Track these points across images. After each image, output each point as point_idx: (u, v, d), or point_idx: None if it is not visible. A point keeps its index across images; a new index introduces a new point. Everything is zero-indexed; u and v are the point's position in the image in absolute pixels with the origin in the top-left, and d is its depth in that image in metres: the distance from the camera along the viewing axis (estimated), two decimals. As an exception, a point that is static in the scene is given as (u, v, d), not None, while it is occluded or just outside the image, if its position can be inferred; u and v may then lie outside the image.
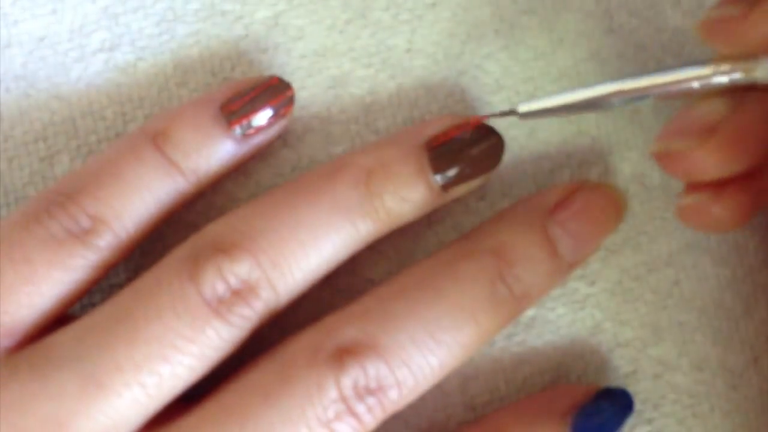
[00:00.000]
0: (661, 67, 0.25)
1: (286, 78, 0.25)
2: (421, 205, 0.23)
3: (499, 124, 0.24)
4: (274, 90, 0.24)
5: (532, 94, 0.25)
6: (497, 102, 0.25)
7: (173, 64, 0.25)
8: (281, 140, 0.25)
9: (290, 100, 0.24)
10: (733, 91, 0.21)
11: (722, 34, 0.21)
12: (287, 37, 0.25)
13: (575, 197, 0.23)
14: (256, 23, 0.25)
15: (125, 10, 0.25)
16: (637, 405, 0.24)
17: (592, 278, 0.25)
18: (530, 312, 0.25)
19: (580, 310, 0.25)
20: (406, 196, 0.23)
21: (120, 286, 0.23)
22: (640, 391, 0.25)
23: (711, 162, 0.21)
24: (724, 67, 0.21)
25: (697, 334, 0.25)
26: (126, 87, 0.25)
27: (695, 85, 0.21)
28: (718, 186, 0.21)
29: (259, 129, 0.23)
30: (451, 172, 0.23)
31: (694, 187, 0.22)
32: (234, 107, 0.23)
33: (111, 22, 0.25)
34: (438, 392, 0.24)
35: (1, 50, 0.25)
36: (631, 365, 0.25)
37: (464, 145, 0.23)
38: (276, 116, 0.24)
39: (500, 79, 0.25)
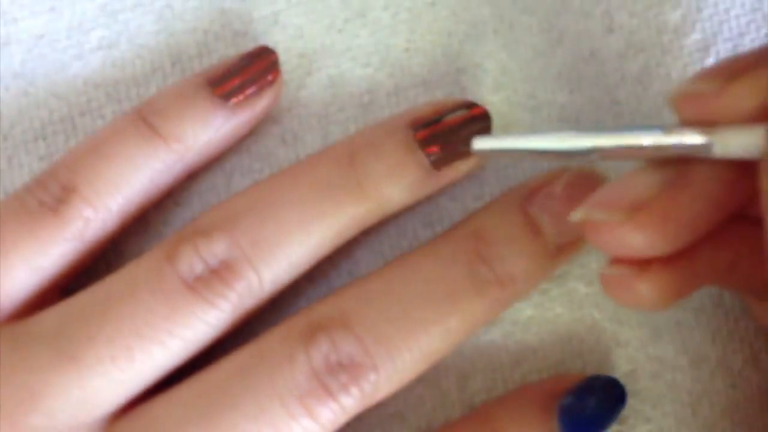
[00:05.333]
0: (614, 126, 0.25)
1: (285, 77, 0.25)
2: (412, 185, 0.22)
3: (497, 122, 0.24)
4: (258, 55, 0.23)
5: (531, 93, 0.25)
6: (497, 102, 0.25)
7: (171, 62, 0.25)
8: (279, 139, 0.25)
9: (275, 65, 0.23)
10: (672, 163, 0.20)
11: (696, 108, 0.19)
12: (286, 36, 0.25)
13: (555, 181, 0.23)
14: (255, 21, 0.25)
15: (123, 7, 0.25)
16: (636, 404, 0.24)
17: (591, 278, 0.25)
18: (528, 311, 0.25)
19: (578, 309, 0.25)
20: (394, 172, 0.22)
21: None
22: (639, 389, 0.24)
23: (635, 239, 0.19)
24: (689, 135, 0.19)
25: (696, 333, 0.25)
26: (124, 85, 0.25)
27: (650, 150, 0.20)
28: (644, 262, 0.20)
29: (247, 95, 0.23)
30: (440, 149, 0.23)
31: (618, 259, 0.20)
32: (218, 74, 0.23)
33: (109, 20, 0.25)
34: (436, 391, 0.24)
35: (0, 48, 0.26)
36: (630, 364, 0.25)
37: (451, 122, 0.23)
38: (262, 82, 0.23)
39: (499, 79, 0.25)
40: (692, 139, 0.19)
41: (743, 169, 0.19)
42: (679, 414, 0.24)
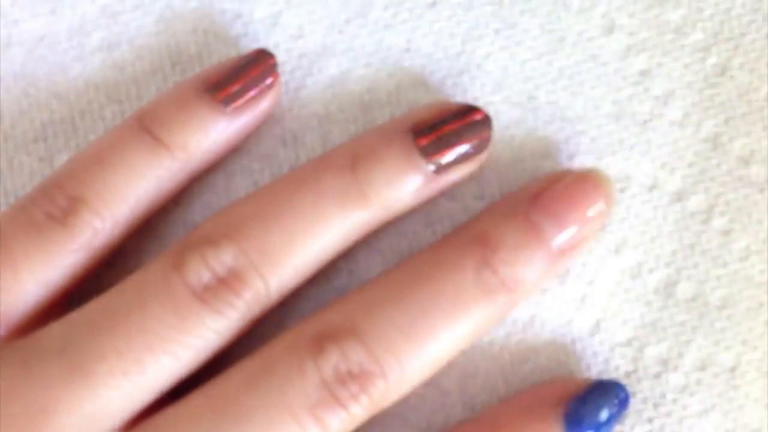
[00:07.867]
0: None
1: (285, 77, 0.25)
2: (413, 190, 0.23)
3: (497, 121, 0.24)
4: (256, 59, 0.24)
5: (531, 94, 0.25)
6: (497, 102, 0.25)
7: (171, 63, 0.25)
8: (280, 140, 0.25)
9: (273, 68, 0.24)
10: None
11: None
12: (286, 36, 0.26)
13: (557, 184, 0.23)
14: (255, 22, 0.25)
15: (124, 8, 0.25)
16: (637, 404, 0.24)
17: (592, 278, 0.25)
18: (529, 311, 0.25)
19: (579, 309, 0.25)
20: (395, 179, 0.22)
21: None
22: (640, 390, 0.24)
23: None
24: None
25: (698, 334, 0.25)
26: (125, 86, 0.25)
27: None
28: None
29: (246, 100, 0.23)
30: (440, 154, 0.23)
31: None
32: (217, 79, 0.23)
33: (110, 21, 0.25)
34: (437, 391, 0.24)
35: (1, 49, 0.26)
36: (631, 364, 0.25)
37: (452, 127, 0.23)
38: (261, 86, 0.23)
39: (500, 79, 0.25)
40: None
41: None
42: (680, 414, 0.24)
